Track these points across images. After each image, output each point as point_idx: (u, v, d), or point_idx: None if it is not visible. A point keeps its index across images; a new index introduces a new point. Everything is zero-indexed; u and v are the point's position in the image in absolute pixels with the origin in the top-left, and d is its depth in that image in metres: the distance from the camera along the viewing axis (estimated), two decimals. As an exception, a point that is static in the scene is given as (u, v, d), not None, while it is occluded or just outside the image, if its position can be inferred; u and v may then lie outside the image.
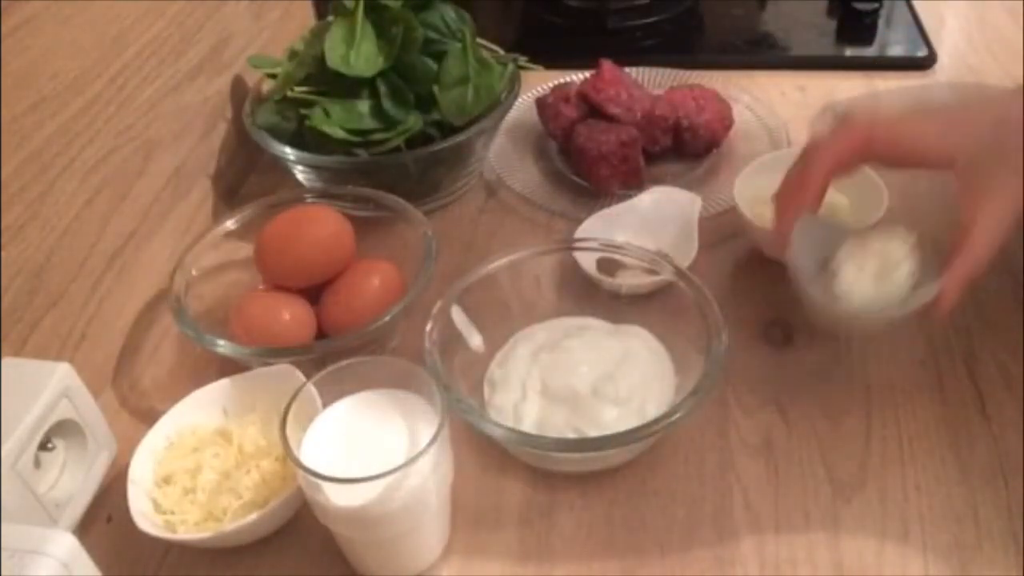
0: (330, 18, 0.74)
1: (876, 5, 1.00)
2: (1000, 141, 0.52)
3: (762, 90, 0.87)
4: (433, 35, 0.74)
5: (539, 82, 0.87)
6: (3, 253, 0.54)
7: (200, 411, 0.57)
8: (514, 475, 0.56)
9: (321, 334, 0.63)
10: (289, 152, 0.72)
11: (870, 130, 0.55)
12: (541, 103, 0.82)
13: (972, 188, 0.52)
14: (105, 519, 0.55)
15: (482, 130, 0.73)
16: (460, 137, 0.72)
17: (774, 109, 0.84)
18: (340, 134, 0.71)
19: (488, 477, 0.56)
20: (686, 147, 0.80)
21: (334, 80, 0.72)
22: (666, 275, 0.59)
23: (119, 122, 0.64)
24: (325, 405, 0.49)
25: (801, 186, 0.56)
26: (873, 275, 0.54)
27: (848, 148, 0.55)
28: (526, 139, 0.84)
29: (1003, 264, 0.68)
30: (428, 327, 0.56)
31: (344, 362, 0.49)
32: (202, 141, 0.76)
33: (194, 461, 0.54)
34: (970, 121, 0.54)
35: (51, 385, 0.51)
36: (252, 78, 0.81)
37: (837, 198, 0.68)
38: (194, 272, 0.63)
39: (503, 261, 0.61)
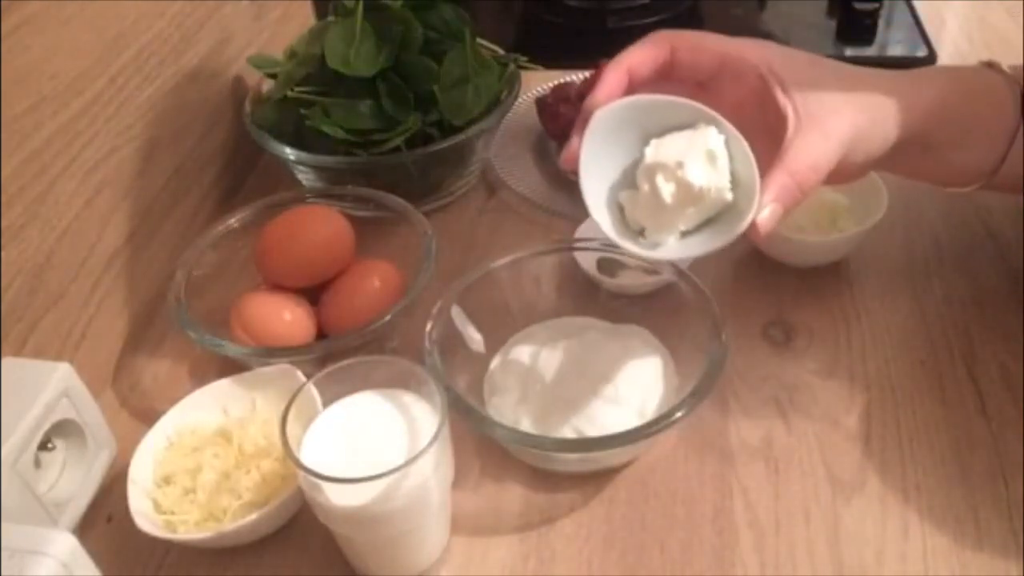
0: (330, 18, 0.74)
1: (876, 5, 1.00)
2: (821, 65, 0.52)
3: (762, 90, 0.87)
4: (433, 35, 0.74)
5: (539, 82, 0.87)
6: (3, 253, 0.54)
7: (200, 411, 0.57)
8: (514, 475, 0.56)
9: (321, 334, 0.63)
10: (289, 152, 0.72)
11: (673, 37, 0.53)
12: (541, 103, 0.82)
13: (798, 100, 0.49)
14: (105, 519, 0.55)
15: (482, 130, 0.73)
16: (460, 137, 0.72)
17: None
18: (340, 134, 0.71)
19: (488, 477, 0.56)
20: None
21: (334, 80, 0.72)
22: (666, 275, 0.59)
23: (119, 122, 0.64)
24: (325, 405, 0.49)
25: (592, 84, 0.52)
26: (670, 205, 0.48)
27: (647, 52, 0.52)
28: (526, 139, 0.84)
29: (1003, 264, 0.68)
30: (428, 327, 0.56)
31: (344, 362, 0.48)
32: (202, 141, 0.76)
33: (194, 461, 0.54)
34: (785, 50, 0.53)
35: (51, 385, 0.51)
36: (252, 78, 0.81)
37: (837, 198, 0.68)
38: (194, 272, 0.63)
39: (503, 261, 0.61)
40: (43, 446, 0.52)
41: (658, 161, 0.48)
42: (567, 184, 0.79)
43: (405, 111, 0.72)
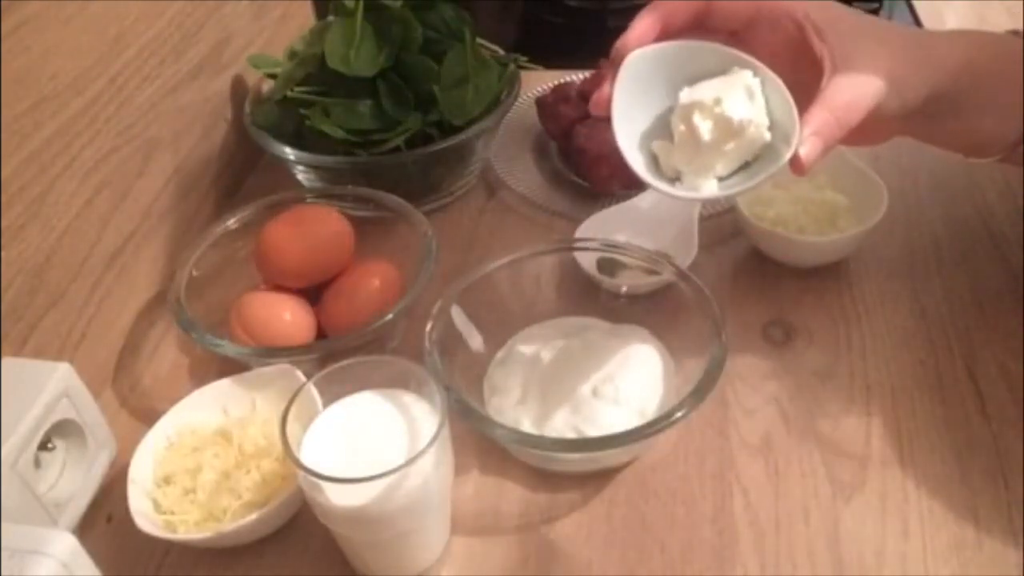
0: (330, 18, 0.74)
1: (876, 5, 1.00)
2: (856, 15, 0.51)
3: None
4: (433, 35, 0.74)
5: (539, 82, 0.87)
6: (3, 253, 0.54)
7: (200, 411, 0.57)
8: (514, 475, 0.56)
9: (321, 334, 0.63)
10: (289, 152, 0.72)
11: None
12: (541, 103, 0.82)
13: (835, 45, 0.49)
14: (105, 519, 0.55)
15: (482, 130, 0.73)
16: (460, 137, 0.72)
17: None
18: (340, 134, 0.71)
19: (488, 477, 0.56)
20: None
21: (334, 80, 0.72)
22: (666, 275, 0.59)
23: (119, 122, 0.64)
24: (325, 405, 0.49)
25: (626, 33, 0.50)
26: (709, 147, 0.47)
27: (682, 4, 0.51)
28: (526, 139, 0.84)
29: (1003, 264, 0.68)
30: (428, 327, 0.56)
31: (344, 362, 0.48)
32: (202, 141, 0.76)
33: (194, 461, 0.54)
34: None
35: (51, 385, 0.51)
36: (252, 78, 0.81)
37: (837, 198, 0.68)
38: (194, 272, 0.63)
39: (503, 261, 0.61)
40: (43, 446, 0.52)
41: (695, 100, 0.47)
42: (567, 184, 0.79)
43: (405, 111, 0.72)
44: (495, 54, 0.79)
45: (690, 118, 0.47)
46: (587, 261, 0.63)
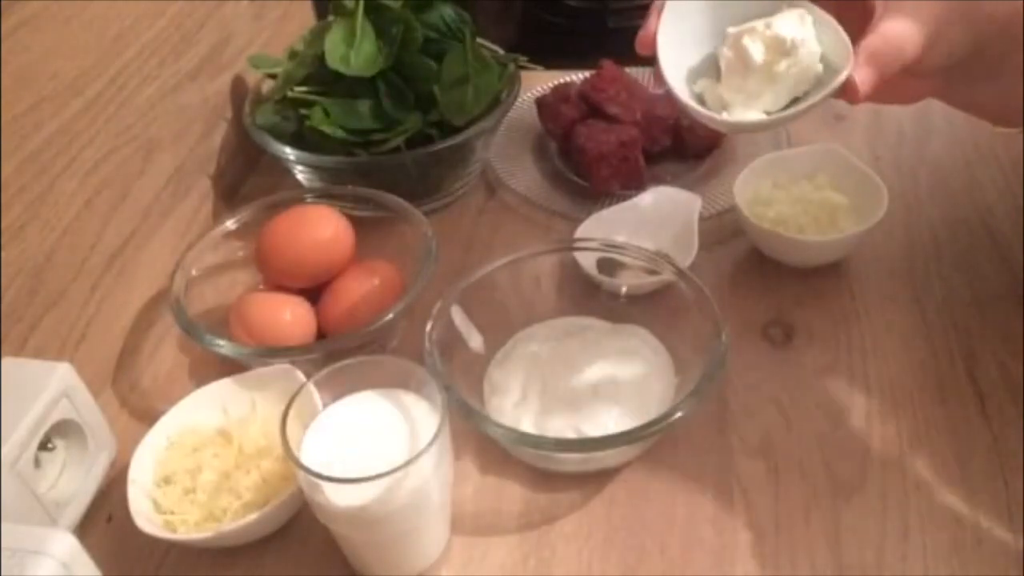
0: (330, 18, 0.74)
1: (876, 5, 1.00)
2: None
3: (762, 90, 0.87)
4: (433, 35, 0.74)
5: (539, 82, 0.87)
6: (3, 253, 0.54)
7: (200, 411, 0.57)
8: (514, 475, 0.56)
9: (321, 334, 0.63)
10: (289, 152, 0.72)
11: None
12: (541, 103, 0.82)
13: None
14: (105, 519, 0.55)
15: (482, 130, 0.73)
16: (460, 137, 0.72)
17: (774, 109, 0.84)
18: (340, 134, 0.71)
19: (488, 477, 0.56)
20: (686, 147, 0.80)
21: (334, 80, 0.72)
22: (666, 275, 0.59)
23: (119, 122, 0.64)
24: (325, 405, 0.49)
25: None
26: (759, 71, 0.46)
27: None
28: (526, 139, 0.84)
29: (1003, 264, 0.68)
30: (428, 327, 0.56)
31: (344, 362, 0.49)
32: (202, 141, 0.76)
33: (194, 461, 0.54)
34: None
35: (51, 385, 0.51)
36: (252, 78, 0.81)
37: (837, 198, 0.68)
38: (194, 272, 0.63)
39: (503, 261, 0.61)
40: (43, 446, 0.52)
41: (745, 27, 0.46)
42: (567, 184, 0.79)
43: (405, 111, 0.72)
44: (495, 54, 0.79)
45: (740, 42, 0.46)
46: (587, 261, 0.63)
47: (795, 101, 0.47)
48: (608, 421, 0.55)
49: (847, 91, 0.45)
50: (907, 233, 0.71)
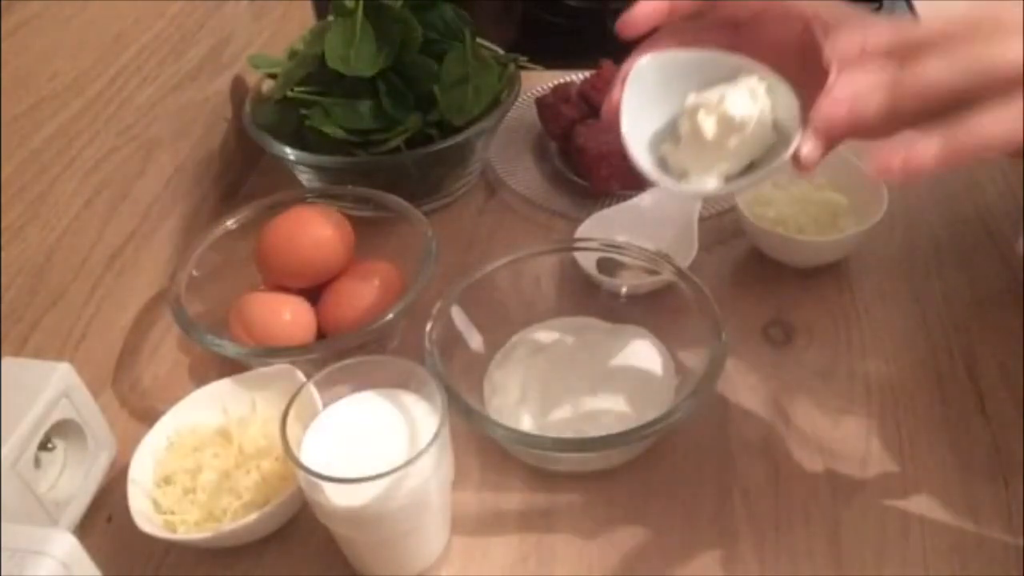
0: (330, 18, 0.74)
1: (876, 5, 1.00)
2: (864, 14, 0.49)
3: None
4: (433, 35, 0.74)
5: (539, 82, 0.87)
6: (3, 253, 0.54)
7: (200, 411, 0.57)
8: (514, 475, 0.56)
9: (321, 334, 0.63)
10: (289, 152, 0.72)
11: None
12: (541, 103, 0.82)
13: (842, 28, 0.47)
14: (105, 519, 0.55)
15: (482, 130, 0.73)
16: (460, 137, 0.72)
17: (774, 109, 0.84)
18: (340, 134, 0.71)
19: (488, 477, 0.56)
20: (686, 147, 0.80)
21: (334, 80, 0.72)
22: (666, 275, 0.59)
23: (119, 122, 0.64)
24: (325, 405, 0.49)
25: (631, 9, 0.50)
26: (712, 145, 0.47)
27: None
28: (526, 139, 0.84)
29: (1003, 264, 0.68)
30: (428, 327, 0.56)
31: (344, 362, 0.48)
32: (202, 141, 0.76)
33: (194, 461, 0.54)
34: None
35: (51, 385, 0.51)
36: (252, 78, 0.81)
37: (837, 198, 0.68)
38: (194, 272, 0.63)
39: (503, 261, 0.61)
40: (43, 446, 0.52)
41: (700, 101, 0.48)
42: (567, 184, 0.79)
43: (405, 111, 0.72)
44: (495, 54, 0.79)
45: (695, 116, 0.48)
46: (587, 261, 0.63)
47: (752, 165, 0.49)
48: (608, 421, 0.55)
49: (795, 164, 0.46)
50: (907, 233, 0.71)
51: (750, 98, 0.47)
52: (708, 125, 0.47)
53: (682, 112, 0.49)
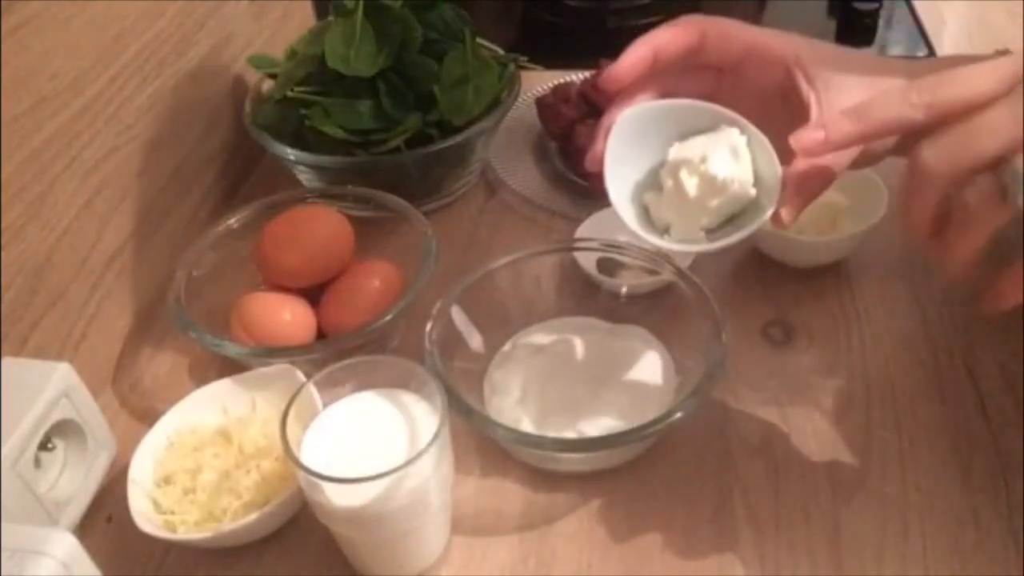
0: (330, 18, 0.74)
1: (876, 5, 1.00)
2: (849, 55, 0.52)
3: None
4: (433, 35, 0.74)
5: (539, 82, 0.87)
6: (3, 253, 0.54)
7: (200, 411, 0.57)
8: (514, 475, 0.56)
9: (321, 334, 0.63)
10: (289, 152, 0.72)
11: (704, 22, 0.52)
12: (541, 103, 0.82)
13: (823, 83, 0.49)
14: (105, 519, 0.55)
15: (482, 130, 0.73)
16: (460, 137, 0.72)
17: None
18: (340, 134, 0.71)
19: (488, 477, 0.56)
20: (686, 147, 0.80)
21: (334, 80, 0.72)
22: (666, 275, 0.59)
23: (119, 122, 0.64)
24: (325, 405, 0.49)
25: (618, 61, 0.51)
26: (694, 202, 0.48)
27: (676, 34, 0.51)
28: (526, 139, 0.84)
29: (1003, 263, 0.68)
30: (428, 327, 0.56)
31: (344, 362, 0.49)
32: (202, 141, 0.76)
33: (194, 461, 0.54)
34: (812, 42, 0.52)
35: (51, 385, 0.51)
36: (252, 78, 0.81)
37: (837, 198, 0.68)
38: (194, 272, 0.63)
39: (503, 261, 0.61)
40: (43, 446, 0.52)
41: (682, 157, 0.49)
42: (567, 184, 0.79)
43: (405, 111, 0.72)
44: (495, 54, 0.79)
45: (677, 174, 0.49)
46: (587, 261, 0.63)
47: (734, 216, 0.50)
48: (608, 421, 0.55)
49: (775, 222, 0.47)
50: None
51: (731, 156, 0.48)
52: (691, 185, 0.48)
53: (664, 163, 0.50)
